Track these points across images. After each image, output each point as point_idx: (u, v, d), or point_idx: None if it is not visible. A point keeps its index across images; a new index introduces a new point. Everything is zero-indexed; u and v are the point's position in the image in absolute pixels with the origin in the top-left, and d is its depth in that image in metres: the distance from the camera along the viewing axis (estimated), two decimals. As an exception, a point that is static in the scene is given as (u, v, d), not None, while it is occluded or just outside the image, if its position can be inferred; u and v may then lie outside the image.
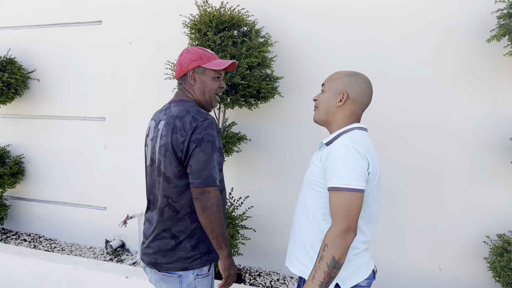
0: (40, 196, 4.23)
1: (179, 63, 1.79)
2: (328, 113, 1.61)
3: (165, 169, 1.68)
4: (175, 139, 1.63)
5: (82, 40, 3.89)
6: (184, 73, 1.78)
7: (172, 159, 1.65)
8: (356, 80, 1.59)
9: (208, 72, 1.78)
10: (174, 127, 1.64)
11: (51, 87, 4.06)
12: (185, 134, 1.62)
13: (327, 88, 1.61)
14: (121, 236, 3.93)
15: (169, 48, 3.49)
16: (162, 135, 1.69)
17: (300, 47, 3.16)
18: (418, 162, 2.99)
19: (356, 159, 1.42)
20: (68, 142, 4.05)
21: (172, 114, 1.69)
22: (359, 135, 1.52)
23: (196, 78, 1.77)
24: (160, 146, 1.69)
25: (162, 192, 1.71)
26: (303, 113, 3.19)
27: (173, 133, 1.64)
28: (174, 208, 1.69)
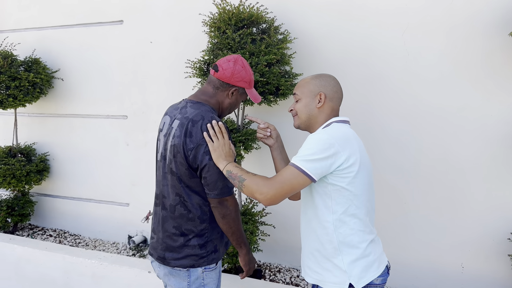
0: (65, 193, 4.34)
1: (233, 71, 1.76)
2: (310, 116, 1.65)
3: (176, 169, 1.70)
4: (186, 144, 1.65)
5: (104, 39, 3.96)
6: (228, 82, 1.77)
7: (182, 161, 1.67)
8: (326, 79, 1.66)
9: (243, 96, 1.87)
10: (187, 130, 1.66)
11: (74, 86, 4.16)
12: (196, 142, 1.64)
13: (301, 95, 1.66)
14: (143, 232, 4.00)
15: (188, 46, 3.53)
16: (175, 135, 1.69)
17: (319, 43, 3.15)
18: (438, 157, 2.95)
19: (321, 146, 1.45)
20: (91, 140, 4.14)
21: (187, 116, 1.70)
22: (335, 127, 1.57)
23: (234, 94, 1.81)
24: (172, 146, 1.70)
25: (174, 190, 1.73)
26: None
27: (185, 137, 1.66)
28: (185, 207, 1.72)
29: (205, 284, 1.78)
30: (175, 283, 1.79)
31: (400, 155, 3.04)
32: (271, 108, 3.30)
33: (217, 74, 1.78)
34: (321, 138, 1.47)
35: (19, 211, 4.07)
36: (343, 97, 1.98)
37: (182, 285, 1.77)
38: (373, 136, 3.10)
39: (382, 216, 3.13)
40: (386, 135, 3.06)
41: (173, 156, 1.69)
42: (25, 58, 4.02)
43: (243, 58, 1.84)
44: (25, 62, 3.97)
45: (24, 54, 4.27)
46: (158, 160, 1.84)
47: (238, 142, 2.97)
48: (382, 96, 3.05)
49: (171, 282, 1.80)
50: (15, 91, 3.80)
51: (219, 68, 1.78)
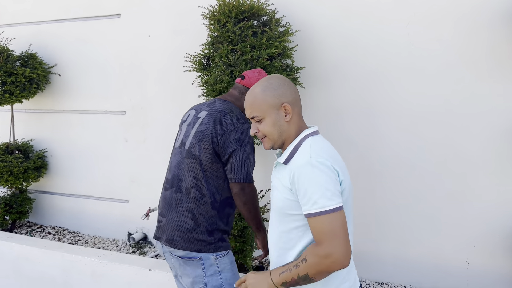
0: (63, 190, 4.29)
1: (257, 79, 2.01)
2: (282, 133, 1.42)
3: (199, 153, 1.82)
4: (215, 130, 1.80)
5: (101, 34, 3.90)
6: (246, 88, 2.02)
7: (208, 146, 1.80)
8: (280, 85, 1.42)
9: None
10: (217, 118, 1.82)
11: (72, 81, 4.09)
12: (226, 129, 1.80)
13: (261, 114, 1.41)
14: (143, 229, 3.95)
15: (187, 40, 3.46)
16: (202, 123, 1.84)
17: (321, 36, 3.09)
18: (445, 151, 2.90)
19: (325, 175, 1.26)
20: (89, 136, 4.09)
21: (217, 108, 1.88)
22: (316, 143, 1.37)
23: None
24: (198, 132, 1.84)
25: (191, 173, 1.82)
26: (325, 103, 3.13)
27: (215, 124, 1.81)
28: (201, 191, 1.80)
29: (220, 270, 1.83)
30: (190, 271, 1.83)
31: (404, 149, 2.99)
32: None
33: (243, 81, 2.03)
34: (315, 166, 1.27)
35: (17, 208, 4.02)
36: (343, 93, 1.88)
37: (198, 272, 1.82)
38: (377, 130, 3.04)
39: (385, 212, 3.08)
40: (390, 129, 3.01)
41: (197, 140, 1.82)
42: (21, 53, 3.95)
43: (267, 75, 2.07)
44: (21, 57, 3.90)
45: (20, 49, 4.20)
46: (176, 147, 1.96)
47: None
48: (386, 89, 2.99)
49: (187, 271, 1.84)
50: (11, 87, 3.73)
51: (246, 76, 2.03)
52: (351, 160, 3.11)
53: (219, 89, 2.83)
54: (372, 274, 3.17)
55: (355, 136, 3.10)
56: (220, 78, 2.75)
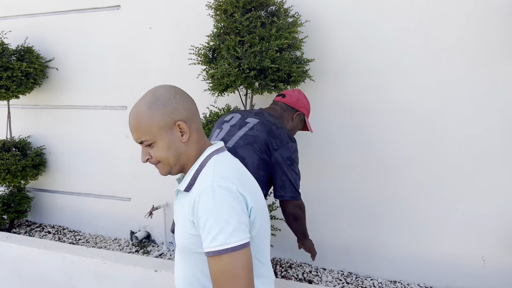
0: (63, 188, 4.17)
1: (298, 98, 2.19)
2: (180, 156, 1.19)
3: (245, 156, 1.82)
4: (270, 141, 1.84)
5: (100, 26, 3.76)
6: (293, 106, 2.18)
7: (257, 151, 1.82)
8: (166, 98, 1.17)
9: (302, 123, 2.26)
10: (271, 130, 1.87)
11: (70, 76, 3.96)
12: (280, 145, 1.86)
13: (151, 137, 1.15)
14: (146, 227, 3.84)
15: (191, 31, 3.34)
16: (253, 128, 1.87)
17: (331, 27, 2.97)
18: (459, 145, 2.80)
19: (227, 204, 1.07)
20: (89, 132, 3.96)
21: (268, 120, 1.93)
22: (221, 162, 1.18)
23: (296, 119, 2.19)
24: (247, 135, 1.85)
25: None
26: (335, 97, 3.02)
27: (269, 135, 1.85)
28: None
29: None
30: None
31: (417, 145, 2.89)
32: (280, 96, 3.12)
33: (284, 99, 2.17)
34: (217, 193, 1.08)
35: (16, 207, 3.90)
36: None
37: None
38: (389, 126, 2.94)
39: (397, 209, 2.99)
40: (403, 124, 2.90)
41: (246, 143, 1.83)
42: (17, 46, 3.80)
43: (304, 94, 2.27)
44: (17, 51, 3.76)
45: (16, 43, 4.05)
46: None
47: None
48: (399, 82, 2.88)
49: None
50: (7, 82, 3.59)
51: (286, 95, 2.18)
52: (362, 156, 3.01)
53: (226, 83, 2.71)
54: (384, 272, 3.08)
55: (366, 131, 2.99)
56: (228, 71, 2.63)
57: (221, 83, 2.76)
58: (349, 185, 3.09)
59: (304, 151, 3.12)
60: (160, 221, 3.70)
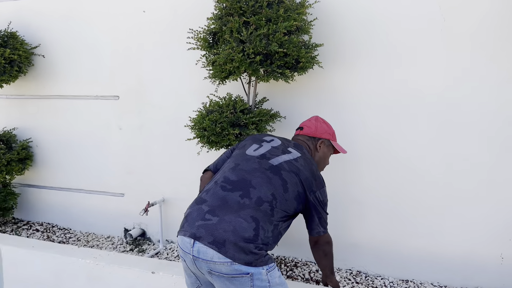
0: (51, 183, 3.93)
1: (316, 126, 2.11)
2: None
3: (288, 181, 1.76)
4: (311, 181, 1.82)
5: (90, 9, 3.51)
6: (314, 136, 2.09)
7: (299, 183, 1.79)
8: None
9: (330, 148, 2.15)
10: (313, 171, 1.85)
11: (58, 63, 3.70)
12: (319, 187, 1.85)
13: None
14: (141, 224, 3.63)
15: (188, 15, 3.11)
16: (298, 161, 1.83)
17: (341, 9, 2.76)
18: (477, 139, 2.63)
19: None
20: (79, 124, 3.72)
21: (309, 158, 1.92)
22: None
23: (321, 147, 2.09)
24: (292, 163, 1.81)
25: (271, 188, 1.71)
26: (345, 86, 2.82)
27: (312, 175, 1.83)
28: (272, 209, 1.68)
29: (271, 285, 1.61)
30: None
31: (431, 141, 2.71)
32: (285, 86, 2.91)
33: (302, 131, 2.11)
34: None
35: (1, 204, 3.65)
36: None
37: None
38: (402, 118, 2.75)
39: (410, 206, 2.81)
40: (418, 114, 2.72)
41: (291, 171, 1.78)
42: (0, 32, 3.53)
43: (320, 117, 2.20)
44: (0, 36, 3.49)
45: (-1, 28, 3.78)
46: (249, 154, 1.86)
47: (250, 124, 2.60)
48: (413, 70, 2.69)
49: None
50: (-11, 70, 3.34)
51: (304, 127, 2.12)
52: (373, 149, 2.82)
53: (229, 69, 2.50)
54: (395, 271, 2.91)
55: (377, 122, 2.80)
56: (231, 57, 2.42)
57: (223, 69, 2.55)
58: (359, 179, 2.90)
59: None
60: (156, 217, 3.49)
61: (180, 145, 3.22)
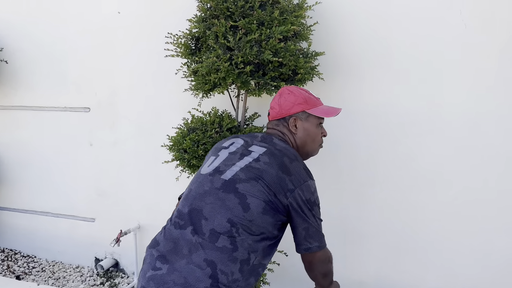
0: (14, 204, 3.49)
1: (279, 104, 1.63)
2: None
3: (247, 194, 1.39)
4: (281, 178, 1.40)
5: (57, 9, 3.09)
6: (283, 117, 1.62)
7: (265, 190, 1.39)
8: None
9: (312, 119, 1.62)
10: (283, 164, 1.43)
11: (22, 70, 3.28)
12: (296, 184, 1.42)
13: None
14: (114, 254, 3.20)
15: (170, 17, 2.71)
16: (260, 160, 1.45)
17: (345, 13, 2.39)
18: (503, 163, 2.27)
19: None
20: (45, 139, 3.30)
21: (279, 149, 1.49)
22: None
23: (298, 125, 1.61)
24: (251, 167, 1.43)
25: (226, 214, 1.37)
26: (350, 100, 2.45)
27: (282, 171, 1.42)
28: (234, 242, 1.35)
29: None
30: None
31: (453, 157, 2.35)
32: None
33: (270, 117, 1.67)
34: None
35: (-47, 230, 3.21)
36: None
37: None
38: (415, 137, 2.39)
39: (427, 239, 2.44)
40: (433, 134, 2.36)
41: (250, 178, 1.40)
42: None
43: (288, 86, 1.70)
44: (-46, 38, 3.06)
45: (-45, 29, 3.34)
46: (204, 173, 1.52)
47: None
48: (427, 83, 2.32)
49: None
50: None
51: (270, 111, 1.68)
52: (384, 171, 2.45)
53: (213, 80, 2.11)
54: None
55: (384, 143, 2.43)
56: (216, 66, 2.03)
57: (206, 81, 2.16)
58: (367, 205, 2.53)
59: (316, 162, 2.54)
60: (130, 247, 3.06)
61: (158, 164, 2.81)
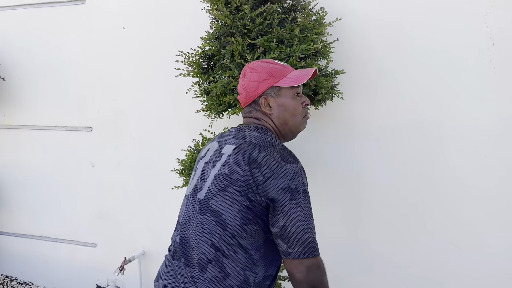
0: (11, 228, 3.33)
1: (244, 87, 1.42)
2: None
3: (222, 208, 1.22)
4: (250, 175, 1.20)
5: (59, 25, 2.97)
6: (252, 100, 1.40)
7: (237, 198, 1.20)
8: None
9: (285, 92, 1.39)
10: (251, 158, 1.23)
11: (21, 88, 3.13)
12: (268, 173, 1.18)
13: None
14: (117, 281, 3.03)
15: (179, 33, 2.59)
16: (227, 162, 1.26)
17: (364, 29, 2.28)
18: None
19: None
20: (45, 159, 3.14)
21: (249, 141, 1.29)
22: None
23: (271, 103, 1.38)
24: (219, 175, 1.26)
25: (209, 238, 1.23)
26: (371, 120, 2.32)
27: (250, 166, 1.21)
28: (223, 267, 1.21)
29: None
30: None
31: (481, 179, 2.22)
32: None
33: (241, 104, 1.47)
34: None
35: None
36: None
37: None
38: (439, 157, 2.26)
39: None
40: (459, 154, 2.23)
41: (220, 189, 1.24)
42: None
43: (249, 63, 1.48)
44: (-51, 55, 2.92)
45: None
46: (186, 195, 1.41)
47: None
48: (452, 102, 2.21)
49: None
50: None
51: (238, 97, 1.48)
52: (405, 195, 2.31)
53: (228, 102, 1.98)
54: None
55: (408, 163, 2.30)
56: (231, 87, 1.90)
57: (221, 101, 2.02)
58: (384, 236, 2.38)
59: (323, 192, 2.40)
60: (134, 274, 2.90)
61: (164, 187, 2.67)
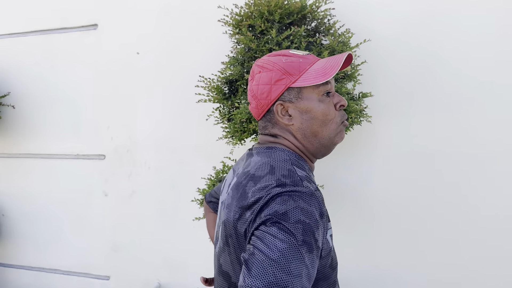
0: (20, 261, 3.19)
1: (253, 94, 1.06)
2: None
3: (229, 270, 0.97)
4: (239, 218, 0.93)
5: (71, 51, 2.89)
6: (266, 110, 1.04)
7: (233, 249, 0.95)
8: None
9: (308, 93, 1.01)
10: (244, 194, 0.94)
11: (30, 115, 3.04)
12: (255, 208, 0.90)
13: None
14: (132, 317, 2.89)
15: (196, 57, 2.50)
16: (226, 205, 1.01)
17: (391, 50, 2.19)
18: None
19: None
20: (55, 189, 3.03)
21: (248, 170, 1.00)
22: None
23: (290, 111, 1.02)
24: (220, 225, 1.02)
25: None
26: (400, 142, 2.21)
27: (240, 207, 0.93)
28: None
29: None
30: None
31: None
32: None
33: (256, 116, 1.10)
34: None
35: (-47, 293, 2.89)
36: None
37: None
38: (472, 179, 2.14)
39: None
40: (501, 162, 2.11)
41: (224, 243, 0.98)
42: (-41, 78, 2.89)
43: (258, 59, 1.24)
44: (-41, 84, 2.85)
45: (-40, 74, 3.13)
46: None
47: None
48: (488, 122, 2.09)
49: None
50: None
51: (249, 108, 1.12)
52: (439, 222, 2.18)
53: (252, 129, 1.87)
54: None
55: (439, 183, 2.18)
56: (257, 113, 1.79)
57: (244, 129, 1.92)
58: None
59: (353, 219, 2.27)
60: (150, 309, 2.75)
61: (181, 217, 2.55)
